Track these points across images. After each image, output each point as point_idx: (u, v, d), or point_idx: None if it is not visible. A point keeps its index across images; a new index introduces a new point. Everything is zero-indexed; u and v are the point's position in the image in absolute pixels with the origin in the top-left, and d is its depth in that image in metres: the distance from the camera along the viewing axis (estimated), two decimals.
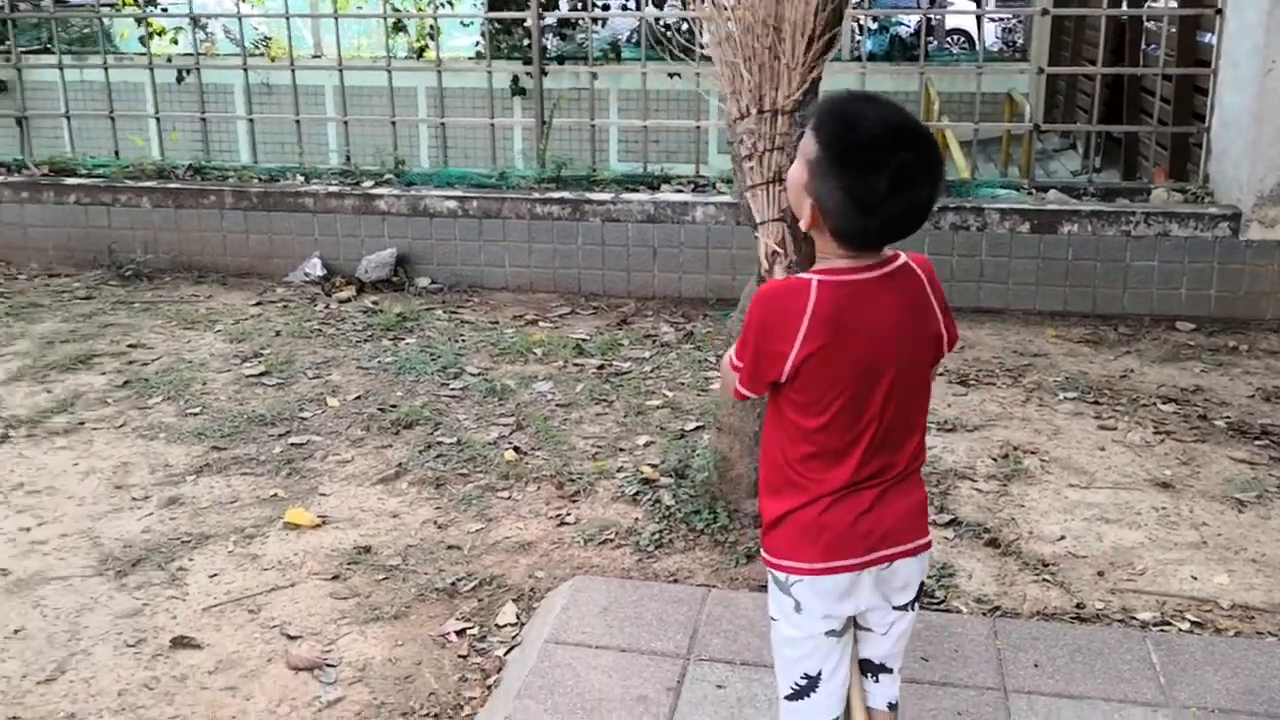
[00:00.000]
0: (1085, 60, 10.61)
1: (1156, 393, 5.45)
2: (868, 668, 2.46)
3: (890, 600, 2.36)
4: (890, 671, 2.47)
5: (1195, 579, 3.86)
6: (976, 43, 17.35)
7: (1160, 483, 4.54)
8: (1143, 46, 9.40)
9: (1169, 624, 3.59)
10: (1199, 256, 6.37)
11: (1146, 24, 9.24)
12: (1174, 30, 7.78)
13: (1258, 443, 4.90)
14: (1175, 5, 7.44)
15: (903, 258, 2.27)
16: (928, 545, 2.36)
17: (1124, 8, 9.06)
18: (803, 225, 2.24)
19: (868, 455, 2.26)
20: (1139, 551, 4.03)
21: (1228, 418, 5.15)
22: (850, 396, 2.22)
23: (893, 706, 2.50)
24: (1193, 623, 3.60)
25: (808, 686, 2.38)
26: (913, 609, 2.40)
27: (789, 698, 2.42)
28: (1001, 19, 18.94)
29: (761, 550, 2.42)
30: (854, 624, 2.41)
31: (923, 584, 2.41)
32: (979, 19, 16.59)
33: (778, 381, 2.25)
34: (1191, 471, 4.65)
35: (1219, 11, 6.64)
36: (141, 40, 13.79)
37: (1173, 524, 4.23)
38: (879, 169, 2.10)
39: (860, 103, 2.20)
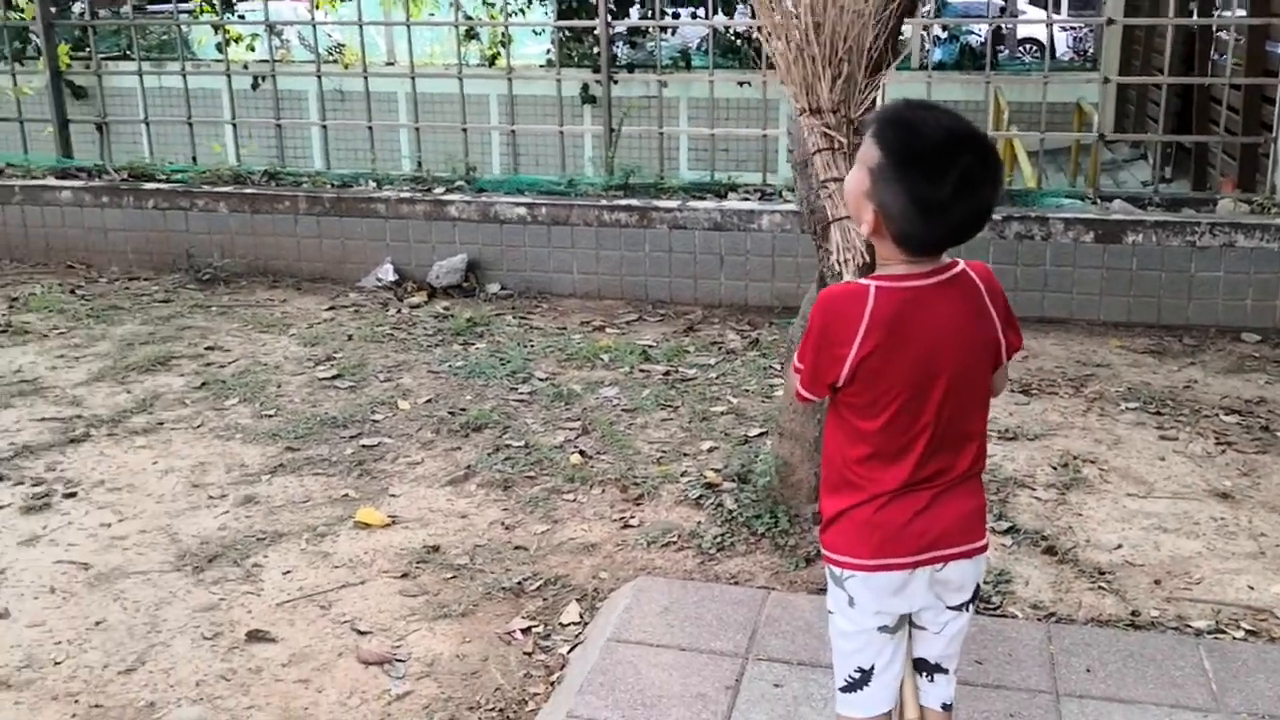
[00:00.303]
0: (1156, 69, 10.55)
1: (1219, 404, 5.45)
2: (923, 667, 2.53)
3: (945, 600, 2.43)
4: (945, 672, 2.54)
5: (1252, 588, 3.88)
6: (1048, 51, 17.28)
7: (1220, 493, 4.56)
8: (1212, 56, 9.35)
9: (1223, 632, 3.62)
10: (1265, 267, 6.34)
11: (1217, 33, 9.18)
12: (1242, 40, 7.75)
13: None
14: (1244, 15, 7.39)
15: (961, 265, 2.34)
16: (984, 549, 2.42)
17: (1194, 17, 9.01)
18: (864, 232, 2.31)
19: (924, 458, 2.32)
20: (1196, 561, 4.06)
21: None
22: (906, 399, 2.29)
23: (947, 707, 2.57)
24: (1247, 631, 3.63)
25: (861, 680, 2.47)
26: (968, 610, 2.47)
27: (843, 689, 2.50)
28: (1074, 28, 18.83)
29: (820, 545, 2.50)
30: (910, 623, 2.49)
31: (979, 587, 2.47)
32: (1049, 27, 16.51)
33: (836, 384, 2.33)
34: (1252, 482, 4.66)
35: None
36: (218, 47, 14.14)
37: (1231, 534, 4.25)
38: (943, 174, 2.17)
39: (919, 110, 2.28)
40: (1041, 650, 3.46)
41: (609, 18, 7.62)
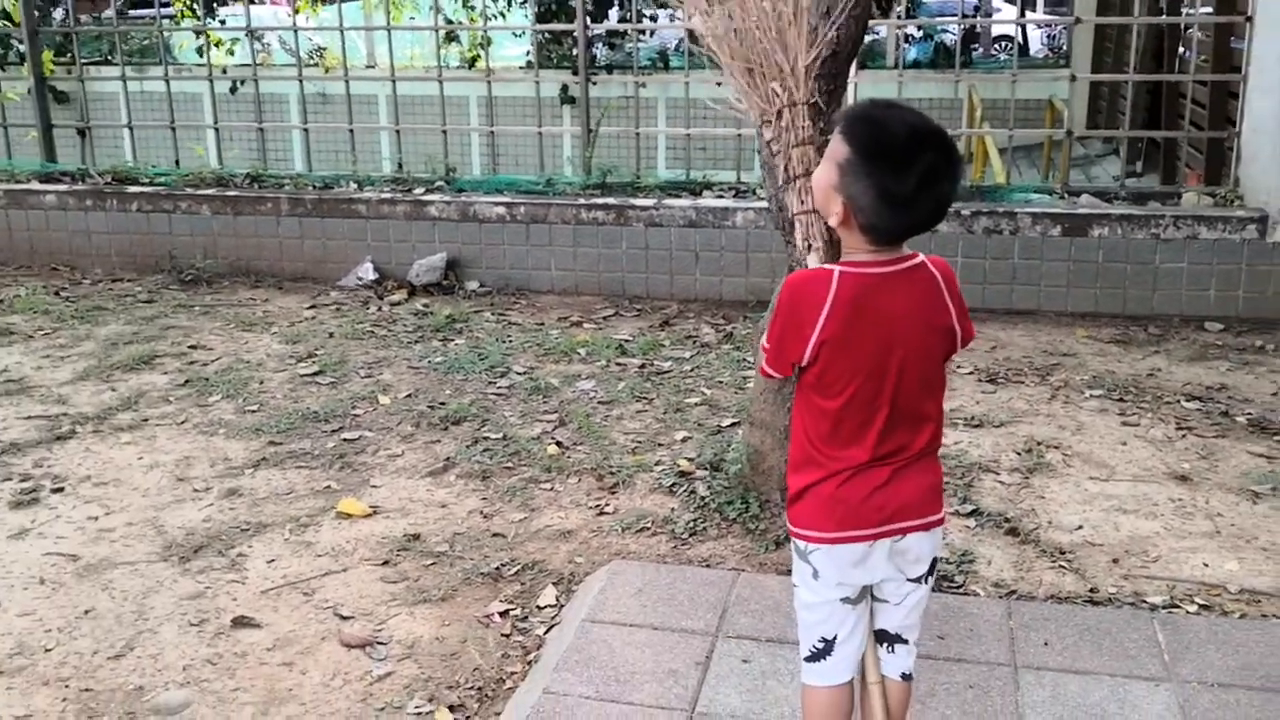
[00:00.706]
0: (1127, 66, 10.71)
1: (1181, 390, 5.59)
2: (883, 638, 2.66)
3: (905, 572, 2.56)
4: (905, 643, 2.67)
5: (1206, 565, 4.01)
6: (1021, 48, 17.45)
7: (1179, 476, 4.70)
8: (1181, 52, 9.51)
9: (1177, 606, 3.75)
10: (1227, 258, 6.49)
11: (1185, 31, 9.34)
12: (1208, 37, 7.90)
13: (1277, 438, 5.04)
14: (1210, 12, 7.54)
15: (920, 257, 2.49)
16: (940, 521, 2.56)
17: (1163, 15, 9.16)
18: (833, 223, 2.46)
19: (883, 435, 2.46)
20: (1154, 540, 4.19)
21: (1249, 414, 5.29)
22: (865, 379, 2.42)
23: (906, 676, 2.70)
24: (1201, 605, 3.76)
25: (824, 650, 2.60)
26: (926, 582, 2.60)
27: (808, 659, 2.64)
28: (1045, 25, 19.01)
29: (787, 520, 2.63)
30: (871, 596, 2.61)
31: (936, 559, 2.60)
32: (1022, 26, 16.69)
33: (799, 364, 2.47)
34: (1210, 465, 4.80)
35: (1249, 19, 6.77)
36: (199, 51, 14.22)
37: (1188, 515, 4.39)
38: (908, 169, 2.32)
39: (885, 109, 2.43)
40: (1001, 625, 3.58)
41: (587, 20, 7.73)
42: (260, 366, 6.06)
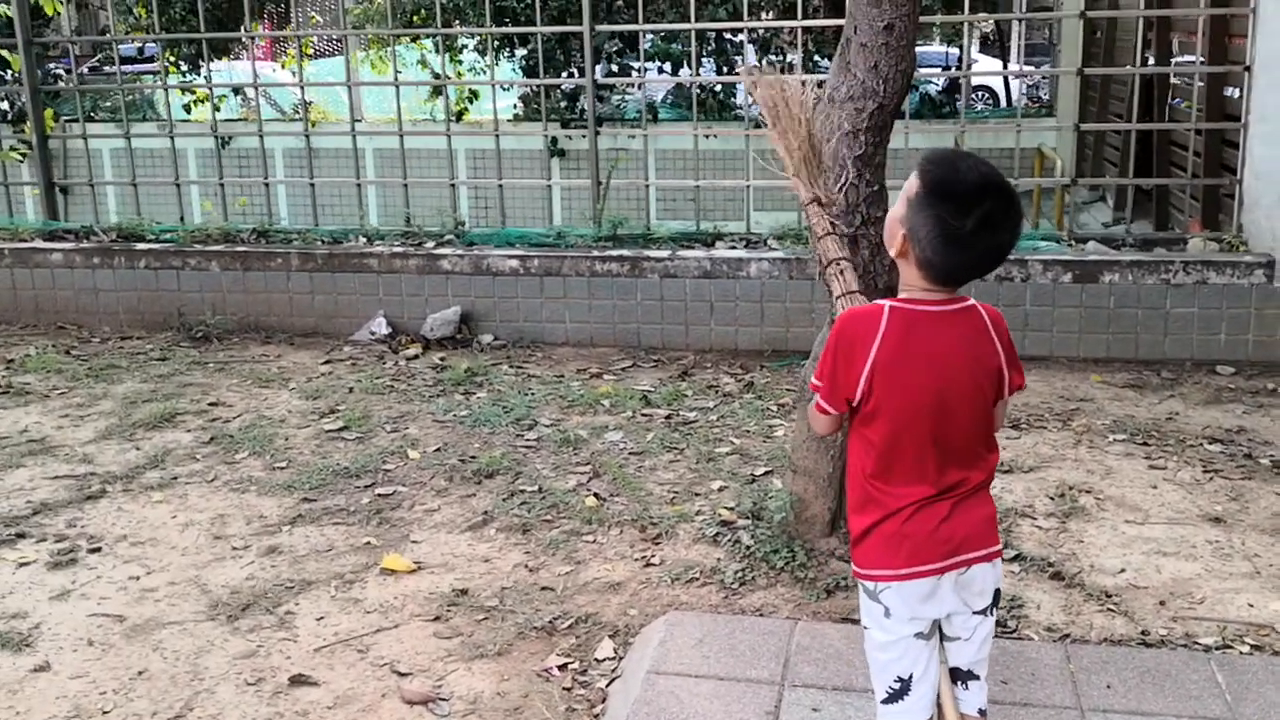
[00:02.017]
0: (1112, 115, 10.89)
1: (1202, 434, 5.67)
2: (957, 675, 2.70)
3: (970, 605, 2.62)
4: (978, 679, 2.71)
5: (1252, 606, 4.07)
6: (1002, 99, 17.69)
7: (1212, 518, 4.76)
8: (1171, 101, 9.68)
9: (1230, 647, 3.80)
10: (1236, 303, 6.60)
11: (1173, 80, 9.51)
12: (1202, 86, 8.06)
13: None
14: (1204, 62, 7.70)
15: (971, 301, 2.60)
16: (1000, 552, 2.65)
17: (1151, 64, 9.33)
18: (893, 253, 2.58)
19: (941, 470, 2.55)
20: (1196, 582, 4.24)
21: (1272, 456, 5.37)
22: (916, 413, 2.52)
23: (983, 713, 2.74)
24: (1252, 646, 3.81)
25: (901, 690, 2.63)
26: (992, 614, 2.67)
27: (885, 701, 2.67)
28: (1027, 75, 19.26)
29: (852, 563, 2.69)
30: (940, 634, 2.66)
31: (999, 590, 2.67)
32: (1005, 77, 16.92)
33: (852, 400, 2.56)
34: (1241, 507, 4.87)
35: (1247, 69, 6.92)
36: (186, 108, 14.29)
37: (1226, 556, 4.44)
38: (969, 210, 2.44)
39: (961, 155, 2.58)
40: (1061, 669, 3.62)
41: (593, 74, 7.82)
42: (283, 423, 6.06)
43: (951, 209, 2.45)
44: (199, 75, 13.91)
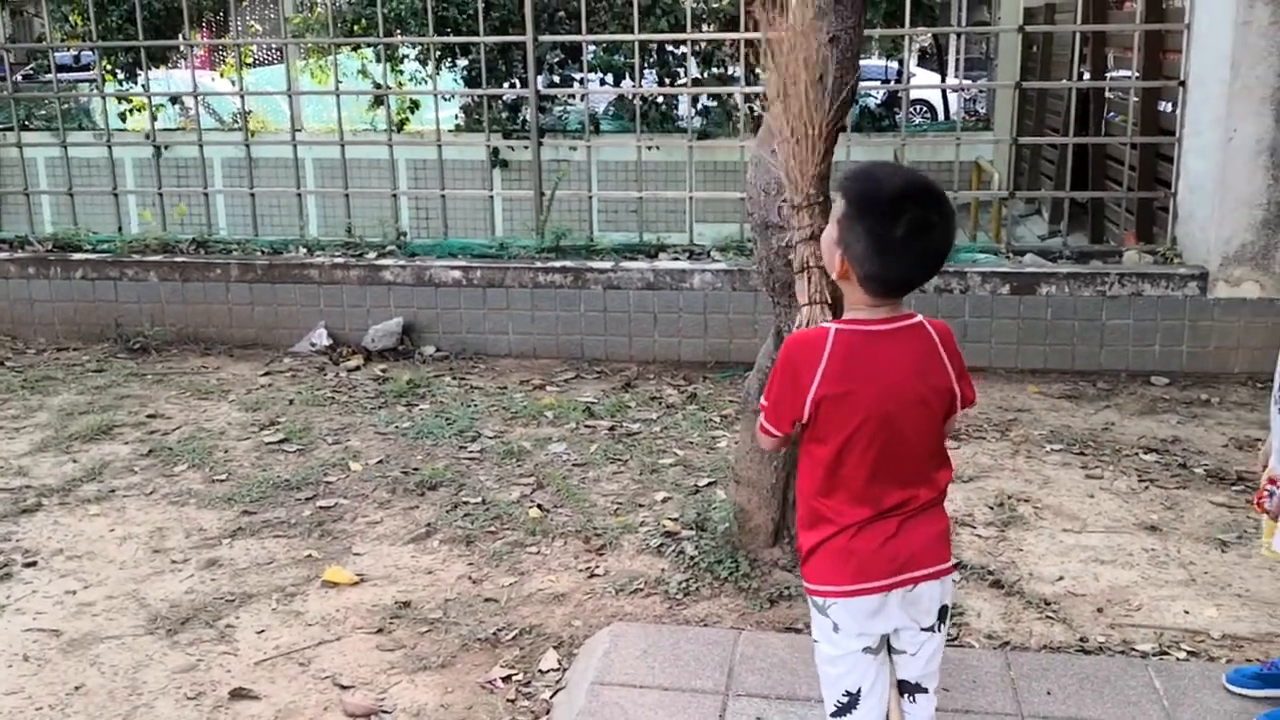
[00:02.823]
0: (1049, 128, 11.02)
1: (1137, 443, 5.75)
2: (905, 688, 2.73)
3: (918, 621, 2.64)
4: (925, 692, 2.74)
5: (1188, 613, 4.13)
6: (940, 113, 17.87)
7: (1148, 526, 4.83)
8: (1106, 115, 9.82)
9: (1167, 653, 3.86)
10: (1170, 314, 6.71)
11: (1108, 95, 9.65)
12: (1137, 100, 8.18)
13: (1234, 488, 5.20)
14: (1139, 76, 7.83)
15: (919, 318, 2.60)
16: (950, 570, 2.66)
17: (1087, 79, 9.47)
18: (834, 275, 2.60)
19: (887, 488, 2.56)
20: (1133, 589, 4.30)
21: (1205, 465, 5.45)
22: (865, 434, 2.52)
23: None
24: (1188, 652, 3.87)
25: (849, 703, 2.66)
26: (940, 630, 2.69)
27: (834, 714, 2.69)
28: (964, 89, 19.47)
29: (802, 578, 2.71)
30: (889, 648, 2.68)
31: (946, 607, 2.69)
32: (944, 91, 17.11)
33: (800, 420, 2.57)
34: (1176, 515, 4.94)
35: (1182, 84, 7.04)
36: (122, 117, 14.11)
37: (1162, 564, 4.51)
38: (897, 217, 2.45)
39: (881, 167, 2.60)
40: (1002, 676, 3.65)
41: (536, 85, 7.81)
42: (223, 435, 6.00)
43: (879, 219, 2.47)
44: (136, 84, 13.75)
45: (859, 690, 2.64)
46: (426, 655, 3.96)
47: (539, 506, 5.06)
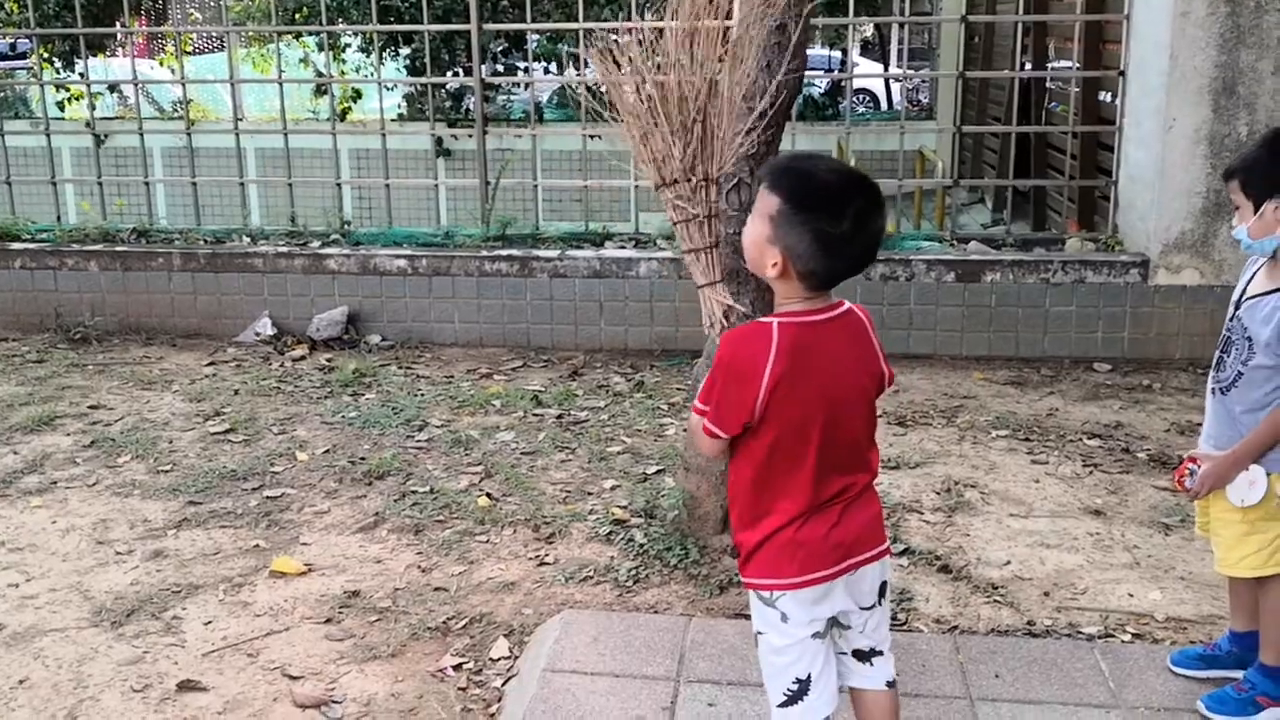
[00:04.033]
0: (991, 118, 11.13)
1: (1081, 429, 5.82)
2: (859, 656, 2.75)
3: (859, 602, 2.66)
4: (882, 654, 2.77)
5: (1132, 596, 4.18)
6: (883, 102, 17.97)
7: (1093, 510, 4.89)
8: (1047, 104, 9.92)
9: (1112, 636, 3.91)
10: (1112, 301, 6.79)
11: (1049, 84, 9.75)
12: (1078, 90, 8.27)
13: None
14: (1079, 67, 7.90)
15: (847, 305, 2.60)
16: (887, 551, 2.68)
17: (1028, 69, 9.55)
18: (770, 275, 2.52)
19: (830, 477, 2.55)
20: (1079, 573, 4.36)
21: (1148, 450, 5.53)
22: (810, 426, 2.50)
23: (891, 684, 2.80)
24: (1133, 634, 3.92)
25: (799, 691, 2.64)
26: (882, 604, 2.71)
27: (782, 705, 2.67)
28: (907, 78, 19.60)
29: (742, 576, 2.68)
30: (835, 624, 2.69)
31: (886, 582, 2.71)
32: (887, 80, 17.21)
33: (749, 424, 2.52)
34: (1120, 500, 5.01)
35: (1122, 74, 7.12)
36: (60, 105, 13.88)
37: (1107, 547, 4.57)
38: (841, 212, 2.42)
39: (807, 160, 2.56)
40: (951, 660, 3.68)
41: (483, 71, 7.76)
42: (167, 425, 5.93)
43: (825, 215, 2.43)
44: (74, 72, 13.53)
45: (808, 676, 2.63)
46: (376, 645, 3.94)
47: (487, 495, 5.04)
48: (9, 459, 5.51)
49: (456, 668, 3.80)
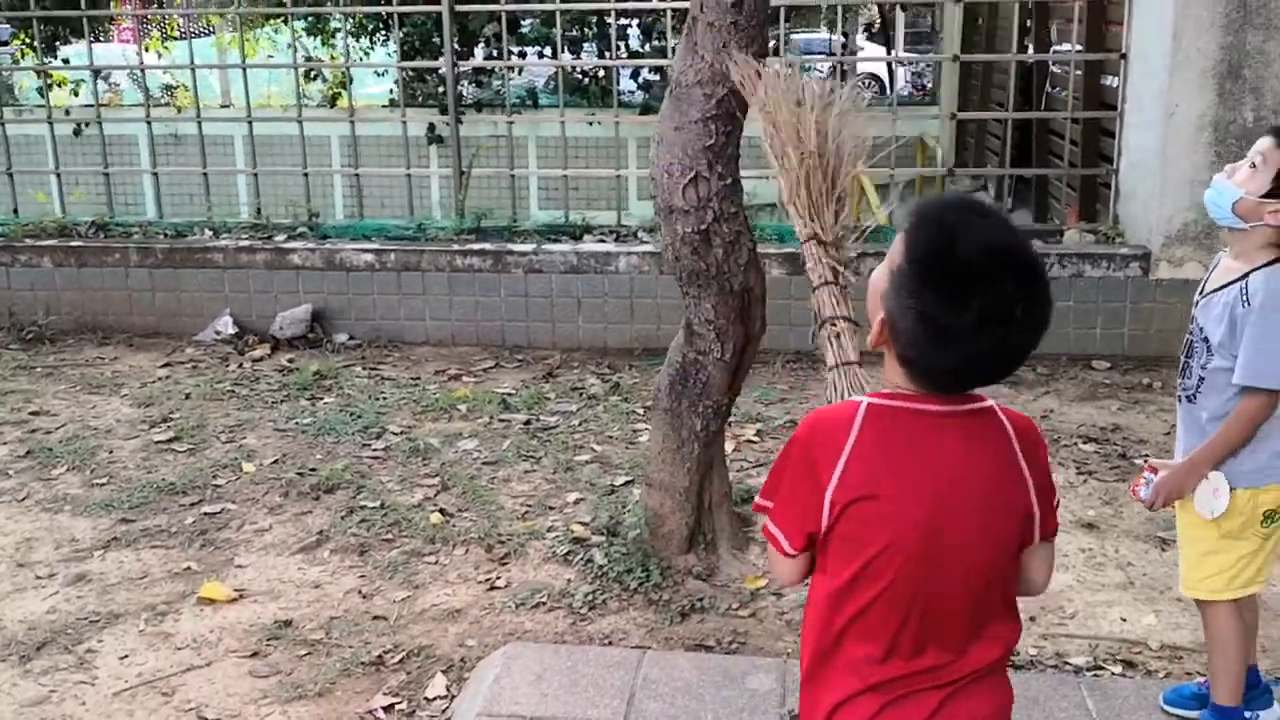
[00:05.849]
0: (994, 103, 10.76)
1: (1077, 432, 5.50)
2: None
3: None
4: None
5: (1124, 620, 3.88)
6: (888, 88, 17.59)
7: (1085, 523, 4.58)
8: (1048, 90, 9.56)
9: (1101, 668, 3.61)
10: (1112, 296, 6.45)
11: (1052, 68, 9.39)
12: (1080, 74, 7.92)
13: None
14: (1081, 49, 7.55)
15: (989, 402, 1.91)
16: None
17: (1030, 52, 9.21)
18: (869, 341, 1.92)
19: (921, 641, 1.87)
20: (1068, 594, 4.04)
21: (1146, 456, 5.19)
22: (899, 557, 1.83)
23: None
24: (1124, 664, 3.63)
25: None
26: None
27: None
28: (911, 63, 19.24)
29: None
30: None
31: None
32: (889, 64, 16.83)
33: (816, 535, 1.90)
34: (1114, 511, 4.69)
35: (1123, 56, 6.77)
36: (40, 92, 13.55)
37: (1099, 565, 4.26)
38: (966, 298, 1.74)
39: (965, 212, 1.82)
40: None
41: (455, 57, 7.42)
42: (109, 433, 5.62)
43: (941, 295, 1.75)
44: (55, 58, 13.20)
45: None
46: (303, 682, 3.62)
47: (441, 511, 4.72)
48: None
49: (388, 709, 3.50)
